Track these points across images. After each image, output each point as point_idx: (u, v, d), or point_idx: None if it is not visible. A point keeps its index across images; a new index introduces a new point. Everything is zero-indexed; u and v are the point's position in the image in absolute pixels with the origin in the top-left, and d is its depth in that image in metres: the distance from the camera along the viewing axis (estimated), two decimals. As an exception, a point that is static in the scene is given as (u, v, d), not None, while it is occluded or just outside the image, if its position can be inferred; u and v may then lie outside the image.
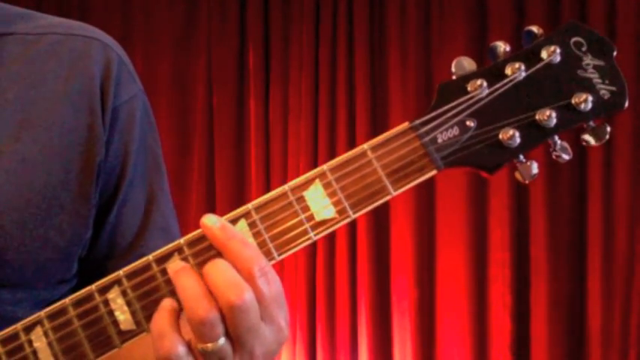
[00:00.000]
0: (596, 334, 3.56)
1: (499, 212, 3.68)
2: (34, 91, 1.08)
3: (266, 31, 4.03)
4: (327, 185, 0.91)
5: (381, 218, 3.79)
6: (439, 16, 3.79)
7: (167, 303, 0.90)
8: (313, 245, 3.80)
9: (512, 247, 3.67)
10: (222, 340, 0.87)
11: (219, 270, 0.87)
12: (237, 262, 0.88)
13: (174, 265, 0.90)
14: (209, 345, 0.87)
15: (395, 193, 0.91)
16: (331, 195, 0.91)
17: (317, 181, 0.92)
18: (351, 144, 3.83)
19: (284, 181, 4.16)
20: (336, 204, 0.91)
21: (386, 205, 0.99)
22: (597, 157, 3.55)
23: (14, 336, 0.92)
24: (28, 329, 0.92)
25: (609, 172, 3.58)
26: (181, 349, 0.87)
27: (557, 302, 3.62)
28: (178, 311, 0.89)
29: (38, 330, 0.92)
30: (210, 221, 0.90)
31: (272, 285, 0.88)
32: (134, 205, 1.13)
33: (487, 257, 3.71)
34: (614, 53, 0.91)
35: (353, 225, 3.77)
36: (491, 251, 3.70)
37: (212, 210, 3.98)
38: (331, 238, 3.80)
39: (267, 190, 3.91)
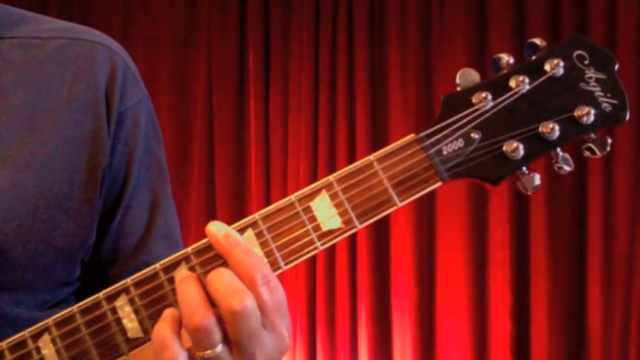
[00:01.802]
0: (596, 334, 3.56)
1: (499, 211, 3.67)
2: (39, 96, 1.08)
3: (266, 31, 4.02)
4: (333, 196, 0.92)
5: (381, 218, 3.78)
6: (439, 16, 3.79)
7: (168, 313, 0.90)
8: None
9: (512, 247, 3.66)
10: (219, 348, 0.87)
11: (221, 277, 0.88)
12: (240, 270, 0.88)
13: (180, 274, 0.90)
14: (207, 352, 0.87)
15: (400, 204, 0.93)
16: (338, 205, 0.92)
17: (324, 191, 0.93)
18: (351, 144, 3.84)
19: (284, 182, 4.14)
20: (342, 214, 0.93)
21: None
22: (597, 157, 3.54)
23: (22, 343, 0.93)
24: (36, 336, 0.92)
25: (609, 172, 3.58)
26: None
27: (557, 302, 3.62)
28: (179, 321, 0.89)
29: (46, 337, 0.92)
30: (215, 228, 0.90)
31: (274, 293, 0.89)
32: (138, 211, 1.14)
33: (487, 256, 3.70)
34: (616, 66, 0.93)
35: (353, 225, 3.76)
36: (491, 250, 3.69)
37: (212, 210, 3.97)
38: (331, 238, 3.79)
39: (267, 190, 3.92)
